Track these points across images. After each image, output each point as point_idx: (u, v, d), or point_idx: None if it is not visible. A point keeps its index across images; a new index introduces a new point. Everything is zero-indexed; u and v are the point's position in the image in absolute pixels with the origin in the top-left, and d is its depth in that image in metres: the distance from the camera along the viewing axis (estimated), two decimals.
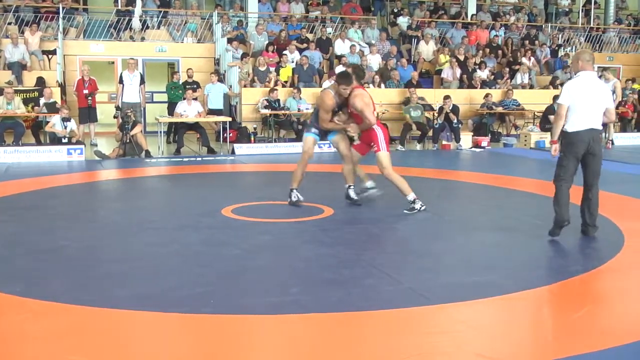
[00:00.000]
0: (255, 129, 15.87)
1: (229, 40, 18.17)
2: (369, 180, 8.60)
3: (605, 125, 7.93)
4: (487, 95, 17.80)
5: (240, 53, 17.65)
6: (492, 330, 4.26)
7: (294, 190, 8.28)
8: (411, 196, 7.83)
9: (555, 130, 6.61)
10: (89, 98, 15.45)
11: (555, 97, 16.72)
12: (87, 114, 15.56)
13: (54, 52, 17.25)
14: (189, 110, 14.51)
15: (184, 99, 14.81)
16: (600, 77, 20.21)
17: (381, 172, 8.08)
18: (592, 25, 24.40)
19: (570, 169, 6.53)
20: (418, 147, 15.87)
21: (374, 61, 18.99)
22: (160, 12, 19.69)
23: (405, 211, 7.75)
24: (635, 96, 19.59)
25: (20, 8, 18.45)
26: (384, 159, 7.95)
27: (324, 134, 8.43)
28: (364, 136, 8.22)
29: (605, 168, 7.00)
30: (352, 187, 8.43)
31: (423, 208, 7.78)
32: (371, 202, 8.55)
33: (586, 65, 6.56)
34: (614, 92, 16.70)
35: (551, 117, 16.35)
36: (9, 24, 18.19)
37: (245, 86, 16.86)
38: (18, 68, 16.27)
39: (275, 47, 18.35)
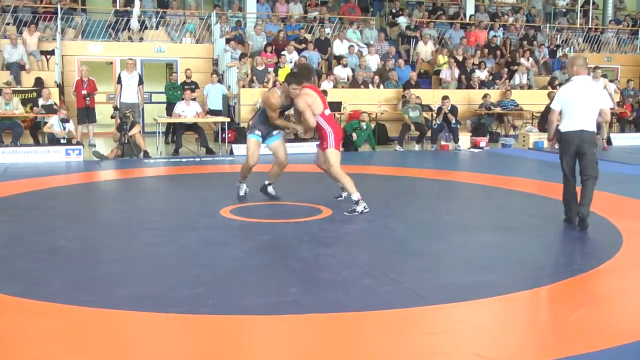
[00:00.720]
0: None
1: (228, 41, 18.17)
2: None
3: (598, 125, 8.15)
4: (485, 96, 17.81)
5: (239, 53, 17.66)
6: (492, 331, 4.26)
7: (242, 184, 8.67)
8: (355, 196, 7.76)
9: (550, 132, 7.24)
10: (88, 98, 15.43)
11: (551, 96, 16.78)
12: (86, 115, 15.56)
13: (52, 53, 17.24)
14: (187, 111, 14.51)
15: (183, 99, 14.81)
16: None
17: (327, 170, 8.11)
18: (590, 26, 24.43)
19: (569, 164, 7.05)
20: (417, 147, 15.88)
21: (373, 61, 19.00)
22: (159, 12, 19.69)
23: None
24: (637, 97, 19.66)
25: (18, 8, 18.45)
26: (331, 156, 7.94)
27: (266, 136, 8.47)
28: (319, 135, 8.29)
29: (603, 168, 7.07)
30: (272, 184, 8.77)
31: (366, 210, 7.69)
32: (370, 202, 8.55)
33: (580, 69, 6.89)
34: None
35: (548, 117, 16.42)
36: (7, 24, 18.18)
37: (243, 86, 16.86)
38: (16, 68, 16.26)
39: (274, 47, 18.36)
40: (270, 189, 8.74)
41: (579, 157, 6.96)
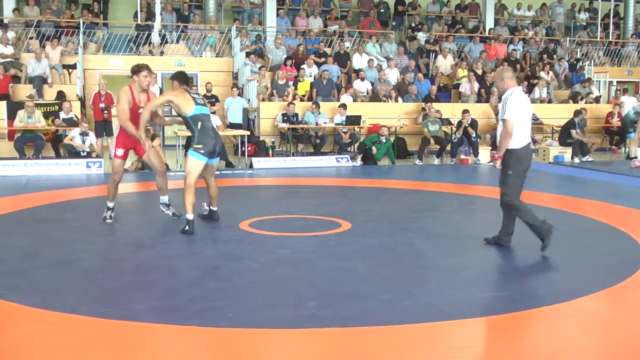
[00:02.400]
0: (273, 142, 15.92)
1: (248, 54, 18.26)
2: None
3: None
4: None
5: (258, 66, 17.74)
6: (511, 346, 4.22)
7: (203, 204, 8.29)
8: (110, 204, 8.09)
9: (504, 147, 6.59)
10: (105, 112, 15.55)
11: (577, 112, 16.69)
12: (103, 128, 15.67)
13: (74, 67, 17.42)
14: None
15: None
16: (585, 87, 20.22)
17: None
18: (610, 39, 24.31)
19: (520, 186, 6.76)
20: (436, 161, 15.82)
21: (392, 75, 19.01)
22: (179, 26, 19.82)
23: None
24: None
25: (41, 23, 18.67)
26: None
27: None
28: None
29: (625, 183, 6.99)
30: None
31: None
32: (389, 216, 8.53)
33: (512, 82, 6.72)
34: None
35: (572, 132, 16.33)
36: (31, 38, 18.41)
37: (263, 100, 16.91)
38: (39, 82, 16.43)
39: (294, 61, 18.41)
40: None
41: (526, 173, 6.75)
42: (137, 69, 7.89)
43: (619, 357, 4.06)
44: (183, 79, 7.92)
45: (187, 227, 7.35)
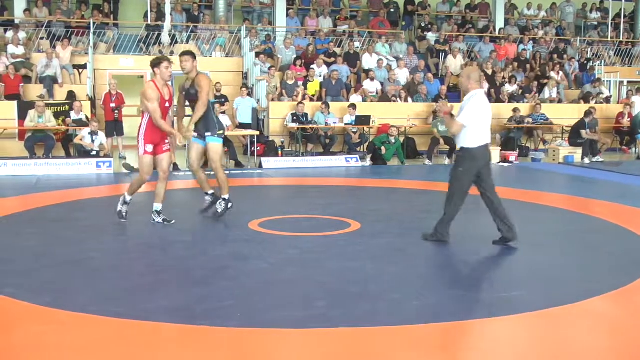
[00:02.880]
0: (282, 142, 15.93)
1: (257, 54, 18.29)
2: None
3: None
4: (515, 110, 17.72)
5: (268, 66, 17.77)
6: (520, 347, 4.21)
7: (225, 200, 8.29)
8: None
9: (451, 125, 6.92)
10: (116, 112, 15.62)
11: (587, 113, 16.64)
12: (114, 128, 15.76)
13: (84, 67, 17.48)
14: None
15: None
16: (595, 88, 20.16)
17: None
18: (621, 39, 24.22)
19: (468, 185, 6.94)
20: (446, 161, 15.79)
21: (402, 75, 18.99)
22: (189, 26, 19.86)
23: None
24: None
25: (52, 23, 18.75)
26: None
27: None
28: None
29: (635, 184, 6.97)
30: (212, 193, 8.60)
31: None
32: (398, 216, 8.53)
33: (476, 84, 6.88)
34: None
35: (582, 132, 16.28)
36: (41, 39, 18.50)
37: (273, 100, 16.93)
38: (50, 82, 16.50)
39: (303, 61, 18.42)
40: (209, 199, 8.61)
41: (485, 173, 6.91)
42: (157, 62, 7.69)
43: (628, 359, 4.04)
44: None
45: (230, 205, 7.97)
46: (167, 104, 7.70)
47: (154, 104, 7.49)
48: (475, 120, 6.72)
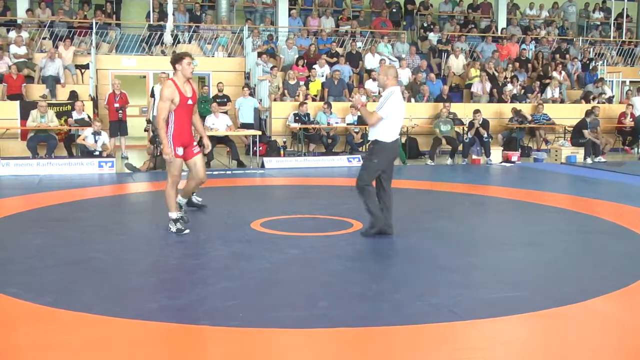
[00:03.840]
0: (285, 142, 15.94)
1: (260, 54, 18.29)
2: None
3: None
4: (515, 110, 17.71)
5: (270, 66, 17.78)
6: (522, 347, 4.21)
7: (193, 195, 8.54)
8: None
9: (368, 115, 7.16)
10: (120, 112, 15.64)
11: (588, 112, 16.64)
12: (118, 128, 15.76)
13: (87, 67, 17.49)
14: (217, 124, 14.60)
15: (212, 112, 14.91)
16: (597, 87, 20.17)
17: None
18: (624, 39, 24.20)
19: (375, 175, 7.22)
20: (448, 161, 15.80)
21: (404, 75, 18.99)
22: (192, 26, 19.87)
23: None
24: None
25: (54, 23, 18.77)
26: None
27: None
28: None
29: (637, 184, 6.97)
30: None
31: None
32: (400, 216, 8.54)
33: (394, 81, 7.22)
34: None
35: (585, 132, 16.27)
36: (44, 38, 18.52)
37: (275, 100, 16.93)
38: (52, 82, 16.52)
39: (305, 61, 18.43)
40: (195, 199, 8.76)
41: (391, 166, 7.32)
42: (178, 57, 7.37)
43: (631, 359, 4.05)
44: None
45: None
46: (189, 102, 7.40)
47: (165, 102, 7.20)
48: (392, 116, 7.09)
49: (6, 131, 15.10)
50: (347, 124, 16.28)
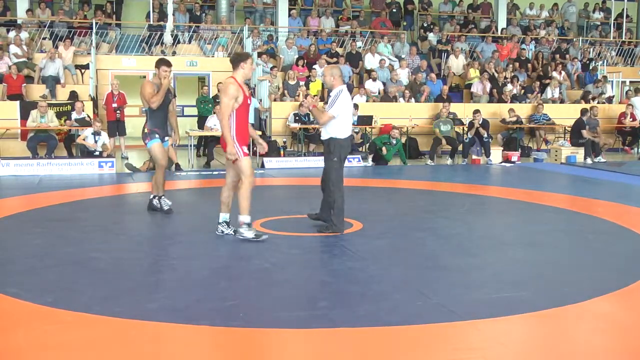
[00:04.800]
0: (285, 142, 15.93)
1: (259, 55, 18.29)
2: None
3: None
4: (512, 111, 17.71)
5: (270, 67, 17.78)
6: (522, 347, 4.21)
7: (162, 198, 8.60)
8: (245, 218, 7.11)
9: (320, 115, 7.46)
10: (118, 112, 15.64)
11: (583, 111, 16.65)
12: (116, 128, 15.76)
13: (86, 67, 17.50)
14: (218, 125, 14.56)
15: (214, 113, 14.90)
16: (597, 88, 20.18)
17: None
18: (623, 39, 24.20)
19: (341, 172, 7.55)
20: (448, 161, 15.80)
21: (404, 75, 18.99)
22: (191, 27, 19.87)
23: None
24: None
25: (54, 23, 18.77)
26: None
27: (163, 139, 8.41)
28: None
29: (637, 184, 6.96)
30: (158, 197, 8.63)
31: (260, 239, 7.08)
32: (400, 216, 8.54)
33: (340, 80, 7.51)
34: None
35: (583, 132, 16.27)
36: (44, 39, 18.52)
37: (275, 100, 16.93)
38: (52, 82, 16.52)
39: (305, 61, 18.42)
40: (156, 202, 8.67)
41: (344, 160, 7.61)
42: (244, 56, 7.30)
43: (631, 359, 4.05)
44: None
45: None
46: (248, 101, 7.20)
47: (231, 100, 6.92)
48: (343, 113, 7.36)
49: (6, 131, 15.10)
50: None
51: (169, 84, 8.35)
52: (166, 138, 8.44)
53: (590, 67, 21.50)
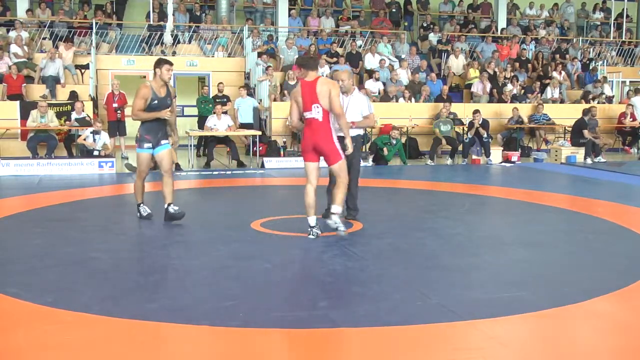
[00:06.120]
0: (285, 142, 15.93)
1: (260, 54, 18.29)
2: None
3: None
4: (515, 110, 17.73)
5: (267, 66, 17.79)
6: (522, 348, 4.21)
7: (141, 205, 8.23)
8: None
9: (368, 122, 8.32)
10: (118, 112, 15.64)
11: (585, 111, 16.66)
12: (116, 128, 15.77)
13: (87, 67, 17.51)
14: (219, 125, 14.60)
15: (214, 113, 14.91)
16: (596, 88, 20.19)
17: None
18: (623, 39, 24.20)
19: None
20: (448, 161, 15.80)
21: (404, 75, 18.99)
22: (192, 27, 19.87)
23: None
24: None
25: (54, 23, 18.77)
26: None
27: (155, 145, 7.98)
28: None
29: (637, 184, 6.95)
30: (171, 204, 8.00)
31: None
32: (401, 216, 8.54)
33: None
34: None
35: (585, 132, 16.28)
36: (44, 39, 18.52)
37: (275, 100, 16.93)
38: (52, 82, 16.53)
39: None
40: (172, 209, 7.99)
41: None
42: (315, 64, 7.35)
43: (631, 359, 4.04)
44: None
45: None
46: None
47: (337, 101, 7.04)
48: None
49: (6, 131, 15.11)
50: None
51: (173, 90, 8.25)
52: (163, 141, 8.06)
53: (590, 67, 21.50)
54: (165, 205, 8.02)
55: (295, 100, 7.26)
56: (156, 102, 7.83)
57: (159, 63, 7.91)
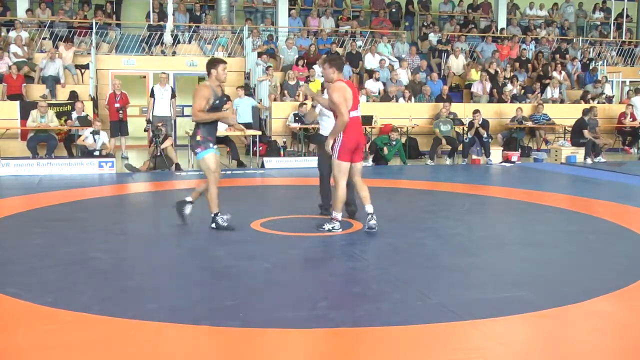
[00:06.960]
0: (285, 142, 15.93)
1: (259, 54, 18.29)
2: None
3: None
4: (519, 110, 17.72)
5: (266, 66, 17.80)
6: (522, 347, 4.21)
7: (219, 215, 7.57)
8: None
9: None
10: (120, 112, 15.64)
11: (585, 111, 16.66)
12: (118, 128, 15.76)
13: (87, 67, 17.50)
14: (219, 125, 14.56)
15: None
16: (596, 88, 20.19)
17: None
18: (624, 39, 24.20)
19: None
20: (448, 161, 15.80)
21: (404, 75, 18.99)
22: (192, 27, 19.87)
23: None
24: None
25: (54, 23, 18.77)
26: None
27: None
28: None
29: (637, 184, 6.95)
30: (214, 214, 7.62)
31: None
32: (400, 216, 8.53)
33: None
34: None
35: (585, 132, 16.28)
36: (44, 39, 18.52)
37: (275, 100, 16.93)
38: (52, 82, 16.52)
39: (305, 61, 18.42)
40: (221, 220, 7.58)
41: None
42: (340, 62, 7.80)
43: (631, 359, 4.04)
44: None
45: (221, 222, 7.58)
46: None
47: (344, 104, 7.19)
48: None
49: (6, 131, 15.10)
50: None
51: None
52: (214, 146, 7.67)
53: (590, 67, 21.50)
54: (188, 199, 7.85)
55: (345, 99, 7.24)
56: (217, 101, 7.62)
57: (215, 63, 7.70)
